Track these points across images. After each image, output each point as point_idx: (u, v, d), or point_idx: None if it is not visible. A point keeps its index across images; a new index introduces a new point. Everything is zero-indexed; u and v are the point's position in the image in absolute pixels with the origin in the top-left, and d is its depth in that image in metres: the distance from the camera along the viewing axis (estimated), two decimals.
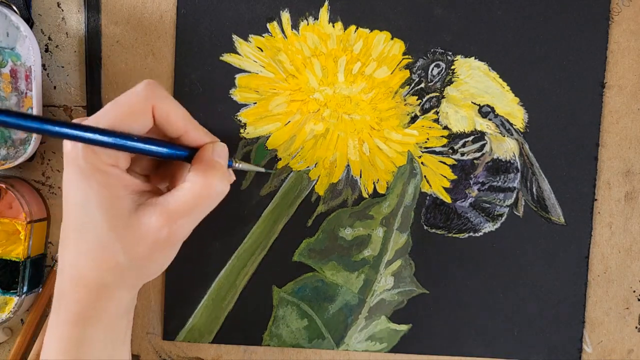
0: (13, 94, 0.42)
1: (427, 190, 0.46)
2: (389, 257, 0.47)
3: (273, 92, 0.45)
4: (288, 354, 0.47)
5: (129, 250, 0.31)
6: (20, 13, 0.42)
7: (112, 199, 0.31)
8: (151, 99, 0.32)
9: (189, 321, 0.47)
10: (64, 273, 0.33)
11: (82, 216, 0.31)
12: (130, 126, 0.31)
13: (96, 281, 0.32)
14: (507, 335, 0.47)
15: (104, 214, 0.31)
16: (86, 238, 0.31)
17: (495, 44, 0.46)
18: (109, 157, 0.31)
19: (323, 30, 0.45)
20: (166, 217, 0.31)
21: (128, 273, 0.32)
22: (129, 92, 0.32)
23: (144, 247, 0.32)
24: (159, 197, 0.32)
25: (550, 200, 0.46)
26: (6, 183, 0.43)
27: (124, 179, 0.32)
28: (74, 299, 0.32)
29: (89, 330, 0.32)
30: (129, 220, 0.31)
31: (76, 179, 0.31)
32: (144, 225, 0.31)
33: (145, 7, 0.45)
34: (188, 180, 0.32)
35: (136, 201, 0.32)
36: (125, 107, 0.31)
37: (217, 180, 0.32)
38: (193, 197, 0.32)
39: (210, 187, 0.32)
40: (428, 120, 0.46)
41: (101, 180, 0.31)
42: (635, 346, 0.48)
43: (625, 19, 0.46)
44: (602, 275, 0.47)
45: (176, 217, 0.32)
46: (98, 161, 0.31)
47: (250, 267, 0.46)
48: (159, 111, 0.32)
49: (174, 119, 0.32)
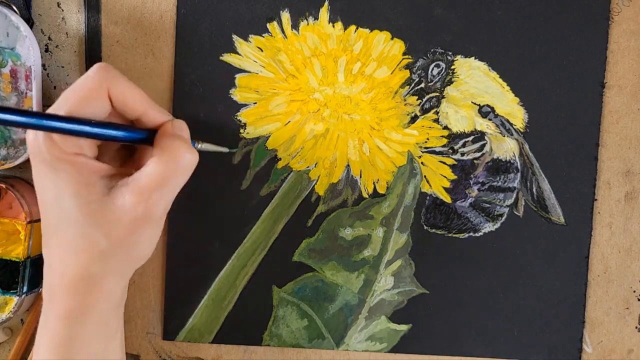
0: (13, 94, 0.42)
1: (427, 190, 0.46)
2: (389, 257, 0.47)
3: (273, 92, 0.45)
4: (288, 354, 0.47)
5: (108, 234, 0.31)
6: (20, 13, 0.42)
7: (83, 187, 0.31)
8: (105, 82, 0.31)
9: (189, 321, 0.47)
10: (51, 269, 0.32)
11: (57, 210, 0.31)
12: (88, 111, 0.31)
13: (82, 272, 0.32)
14: (507, 335, 0.47)
15: (78, 203, 0.31)
16: (65, 231, 0.31)
17: (495, 44, 0.46)
18: (72, 146, 0.31)
19: (323, 30, 0.45)
20: (138, 193, 0.31)
21: (113, 259, 0.32)
22: (82, 76, 0.32)
23: (123, 228, 0.31)
24: (128, 178, 0.32)
25: (550, 200, 0.46)
26: (6, 183, 0.43)
27: (91, 166, 0.32)
28: (63, 294, 0.32)
29: (80, 326, 0.32)
30: (103, 204, 0.31)
31: (44, 173, 0.31)
32: (119, 206, 0.31)
33: (145, 7, 0.45)
34: (154, 154, 0.32)
35: (107, 185, 0.32)
36: (80, 92, 0.31)
37: (183, 150, 0.32)
38: (161, 170, 0.32)
39: (177, 157, 0.32)
40: (428, 120, 0.46)
41: (68, 170, 0.31)
42: (635, 346, 0.48)
43: (625, 19, 0.46)
44: (602, 275, 0.47)
45: (149, 191, 0.31)
46: (61, 152, 0.31)
47: (250, 267, 0.46)
48: (114, 93, 0.32)
49: (130, 100, 0.32)
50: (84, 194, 0.31)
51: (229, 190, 0.46)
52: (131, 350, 0.47)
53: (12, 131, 0.42)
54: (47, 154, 0.31)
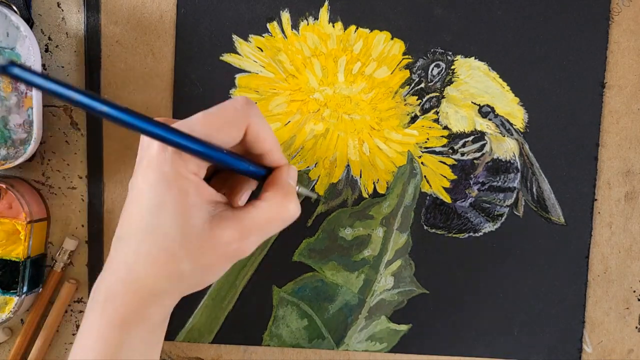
0: (13, 94, 0.42)
1: (427, 190, 0.46)
2: (389, 257, 0.47)
3: (273, 92, 0.45)
4: (288, 354, 0.47)
5: (195, 260, 0.31)
6: (20, 13, 0.42)
7: (189, 207, 0.31)
8: (247, 117, 0.32)
9: (189, 321, 0.47)
10: (117, 273, 0.32)
11: (153, 220, 0.31)
12: (221, 138, 0.32)
13: (151, 287, 0.32)
14: (507, 335, 0.47)
15: (178, 221, 0.31)
16: (152, 242, 0.31)
17: (495, 44, 0.46)
18: (195, 166, 0.32)
19: (323, 30, 0.45)
20: (240, 232, 0.32)
21: (187, 281, 0.32)
22: (227, 105, 0.32)
23: (211, 258, 0.32)
24: (233, 211, 0.32)
25: (550, 200, 0.46)
26: (6, 183, 0.43)
27: (202, 188, 0.32)
28: (123, 302, 0.32)
29: (131, 334, 0.32)
30: (202, 230, 0.31)
31: (156, 182, 0.31)
32: (216, 237, 0.31)
33: (145, 6, 0.45)
34: (266, 199, 0.33)
35: (210, 212, 0.32)
36: (220, 120, 0.32)
37: (293, 204, 0.33)
38: (269, 217, 0.33)
39: (285, 210, 0.33)
40: (428, 120, 0.46)
41: (182, 187, 0.31)
42: (635, 346, 0.48)
43: (625, 19, 0.46)
44: (602, 275, 0.47)
45: (248, 233, 0.32)
46: (183, 169, 0.31)
47: (250, 267, 0.46)
48: (252, 129, 0.33)
49: (262, 138, 0.33)
50: (188, 215, 0.31)
51: None
52: None
53: (12, 131, 0.42)
54: (170, 167, 0.31)
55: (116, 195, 0.46)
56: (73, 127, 0.46)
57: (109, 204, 0.46)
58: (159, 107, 0.45)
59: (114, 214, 0.46)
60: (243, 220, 0.32)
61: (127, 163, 0.46)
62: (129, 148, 0.46)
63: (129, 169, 0.46)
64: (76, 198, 0.46)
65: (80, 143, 0.46)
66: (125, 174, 0.46)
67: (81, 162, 0.46)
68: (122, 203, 0.45)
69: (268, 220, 0.33)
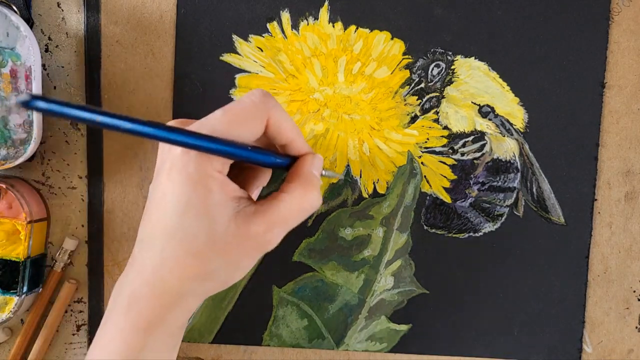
0: (13, 94, 0.42)
1: (427, 190, 0.46)
2: (389, 257, 0.47)
3: (273, 92, 0.45)
4: (288, 354, 0.47)
5: (223, 257, 0.31)
6: (20, 13, 0.42)
7: (215, 206, 0.31)
8: (267, 109, 0.32)
9: (189, 321, 0.47)
10: (141, 275, 0.32)
11: (179, 222, 0.31)
12: (243, 134, 0.32)
13: (177, 289, 0.32)
14: (507, 335, 0.47)
15: (204, 222, 0.31)
16: (179, 244, 0.31)
17: (495, 44, 0.46)
18: (220, 164, 0.32)
19: (323, 30, 0.45)
20: (265, 226, 0.32)
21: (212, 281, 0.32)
22: (245, 100, 0.32)
23: (239, 254, 0.32)
24: (257, 205, 0.33)
25: (550, 200, 0.46)
26: (6, 183, 0.43)
27: (227, 185, 0.32)
28: (148, 305, 0.32)
29: (152, 337, 0.32)
30: (228, 227, 0.31)
31: (181, 184, 0.31)
32: (242, 233, 0.31)
33: (145, 6, 0.45)
34: (288, 191, 0.33)
35: (235, 208, 0.32)
36: (240, 116, 0.32)
37: (315, 194, 0.34)
38: (292, 209, 0.33)
39: (308, 201, 0.33)
40: (428, 120, 0.46)
41: (208, 186, 0.31)
42: (635, 346, 0.48)
43: (626, 19, 0.46)
44: (602, 275, 0.47)
45: (273, 226, 0.32)
46: (210, 167, 0.31)
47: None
48: (273, 121, 0.33)
49: (285, 129, 0.33)
50: (213, 214, 0.31)
51: None
52: None
53: (12, 131, 0.42)
54: (194, 168, 0.31)
55: (116, 195, 0.46)
56: (73, 127, 0.46)
57: (109, 204, 0.46)
58: (159, 107, 0.45)
59: (114, 214, 0.46)
60: (267, 214, 0.32)
61: (127, 163, 0.46)
62: (129, 148, 0.46)
63: (128, 169, 0.46)
64: (76, 198, 0.46)
65: (80, 143, 0.46)
66: (125, 174, 0.46)
67: (81, 162, 0.46)
68: (122, 203, 0.46)
69: (291, 212, 0.33)
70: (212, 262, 0.31)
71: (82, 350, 0.47)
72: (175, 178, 0.31)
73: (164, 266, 0.31)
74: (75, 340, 0.47)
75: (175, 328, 0.33)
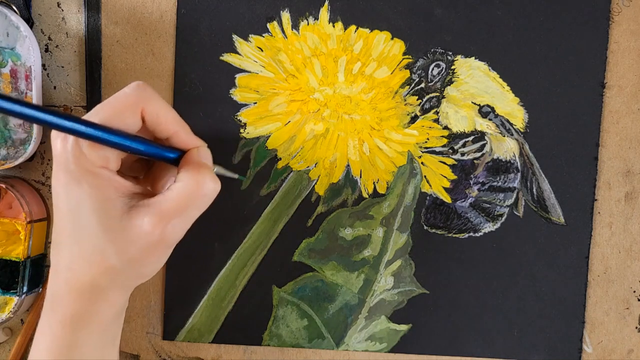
0: (13, 94, 0.42)
1: (427, 190, 0.46)
2: (389, 257, 0.47)
3: (273, 92, 0.45)
4: (288, 354, 0.47)
5: (122, 253, 0.31)
6: (20, 13, 0.42)
7: (104, 202, 0.31)
8: (141, 101, 0.32)
9: (189, 321, 0.47)
10: (58, 275, 0.32)
11: (75, 221, 0.31)
12: (119, 125, 0.31)
13: (91, 283, 0.32)
14: (507, 335, 0.47)
15: (97, 218, 0.31)
16: (80, 242, 0.31)
17: (496, 44, 0.46)
18: (99, 159, 0.31)
19: (323, 30, 0.45)
20: (159, 218, 0.31)
21: (122, 275, 0.32)
22: (118, 93, 0.32)
23: (137, 249, 0.31)
24: (150, 199, 0.32)
25: (550, 201, 0.46)
26: (6, 183, 0.43)
27: (115, 181, 0.32)
28: (68, 300, 0.32)
29: (82, 333, 0.32)
30: (121, 222, 0.31)
31: (67, 183, 0.31)
32: (137, 228, 0.31)
33: (145, 6, 0.45)
34: (179, 180, 0.32)
35: (127, 203, 0.32)
36: (114, 107, 0.31)
37: (207, 179, 0.32)
38: (185, 197, 0.32)
39: (201, 186, 0.32)
40: (428, 120, 0.46)
41: (92, 183, 0.31)
42: (635, 346, 0.48)
43: (626, 19, 0.46)
44: (602, 275, 0.47)
45: (169, 217, 0.32)
46: (88, 163, 0.31)
47: (250, 267, 0.46)
48: (148, 112, 0.32)
49: (163, 120, 0.33)
50: (104, 209, 0.31)
51: (229, 190, 0.45)
52: (131, 350, 0.47)
53: (12, 131, 0.42)
54: (74, 164, 0.31)
55: None
56: None
57: None
58: None
59: None
60: (160, 205, 0.31)
61: None
62: None
63: None
64: None
65: None
66: None
67: None
68: None
69: (185, 199, 0.32)
70: (112, 257, 0.31)
71: None
72: (61, 178, 0.31)
73: (73, 263, 0.32)
74: None
75: (105, 323, 0.33)
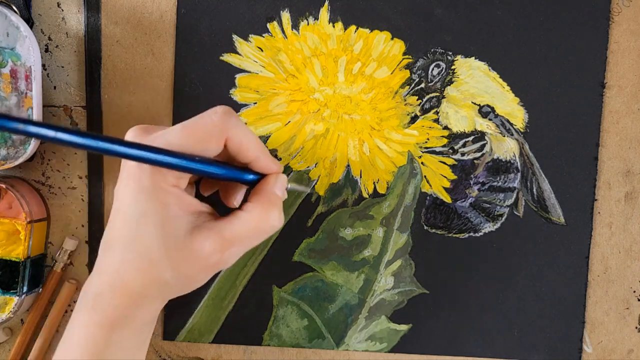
0: (13, 94, 0.42)
1: (427, 190, 0.46)
2: (389, 257, 0.47)
3: (273, 92, 0.45)
4: (288, 354, 0.47)
5: (177, 270, 0.32)
6: (20, 13, 0.42)
7: (170, 219, 0.31)
8: (226, 128, 0.32)
9: (189, 321, 0.47)
10: (104, 276, 0.33)
11: (135, 229, 0.31)
12: (199, 151, 0.32)
13: (138, 291, 0.32)
14: (507, 335, 0.47)
15: (159, 233, 0.31)
16: (136, 251, 0.32)
17: (496, 44, 0.46)
18: (174, 178, 0.32)
19: (323, 30, 0.45)
20: (220, 244, 0.32)
21: (171, 289, 0.33)
22: (204, 117, 0.32)
23: (193, 270, 0.32)
24: (215, 222, 0.33)
25: (551, 201, 0.46)
26: (6, 183, 0.43)
27: (184, 199, 0.32)
28: (111, 303, 0.32)
29: (118, 335, 0.32)
30: (183, 241, 0.32)
31: (136, 194, 0.31)
32: (197, 249, 0.32)
33: (145, 6, 0.45)
34: (247, 210, 0.33)
35: (192, 222, 0.32)
36: (198, 132, 0.32)
37: (275, 215, 0.33)
38: (250, 229, 0.33)
39: (267, 222, 0.33)
40: (428, 120, 0.46)
41: (162, 200, 0.31)
42: (635, 346, 0.48)
43: (626, 19, 0.46)
44: (602, 275, 0.47)
45: (229, 245, 0.32)
46: (162, 181, 0.31)
47: (251, 267, 0.46)
48: (232, 140, 0.33)
49: (245, 148, 0.33)
50: (168, 226, 0.31)
51: None
52: None
53: None
54: (149, 181, 0.31)
55: None
56: (73, 127, 0.46)
57: (109, 204, 0.46)
58: (159, 107, 0.45)
59: None
60: (224, 231, 0.32)
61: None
62: None
63: None
64: (76, 198, 0.46)
65: None
66: None
67: (81, 162, 0.46)
68: None
69: (249, 231, 0.33)
70: (167, 272, 0.32)
71: None
72: (131, 187, 0.31)
73: (124, 269, 0.32)
74: None
75: (140, 326, 0.33)
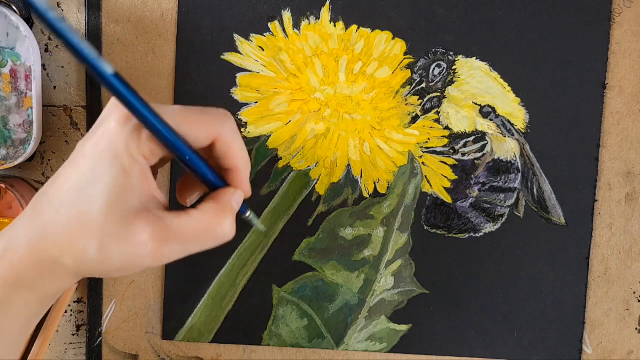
0: (13, 94, 0.41)
1: (428, 190, 0.46)
2: (389, 257, 0.47)
3: (274, 92, 0.45)
4: (288, 354, 0.47)
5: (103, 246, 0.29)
6: (20, 13, 0.42)
7: (124, 189, 0.29)
8: (221, 127, 0.31)
9: (188, 320, 0.47)
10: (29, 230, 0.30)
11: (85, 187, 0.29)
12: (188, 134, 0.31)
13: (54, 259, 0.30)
14: (507, 335, 0.47)
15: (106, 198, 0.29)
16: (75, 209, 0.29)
17: (497, 44, 0.45)
18: (148, 151, 0.30)
19: (324, 30, 0.45)
20: (162, 235, 0.30)
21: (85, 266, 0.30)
22: (207, 109, 0.32)
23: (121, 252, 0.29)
24: (164, 212, 0.31)
25: (551, 201, 0.46)
26: (6, 183, 0.43)
27: (146, 175, 0.30)
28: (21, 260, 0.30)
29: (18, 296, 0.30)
30: (126, 217, 0.29)
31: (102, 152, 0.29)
32: (136, 232, 0.29)
33: (146, 5, 0.45)
34: (201, 209, 0.31)
35: (143, 203, 0.30)
36: (196, 118, 0.31)
37: (228, 223, 0.32)
38: (198, 228, 0.31)
39: (219, 226, 0.31)
40: (429, 121, 0.46)
41: (127, 167, 0.29)
42: (635, 347, 0.48)
43: (627, 19, 0.46)
44: (602, 276, 0.47)
45: (171, 238, 0.30)
46: (135, 149, 0.29)
47: (250, 266, 0.46)
48: (223, 141, 0.32)
49: (234, 153, 0.32)
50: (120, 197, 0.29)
51: None
52: (130, 350, 0.47)
53: (12, 131, 0.42)
54: (123, 144, 0.29)
55: None
56: (73, 127, 0.46)
57: None
58: None
59: None
60: (170, 223, 0.30)
61: None
62: None
63: None
64: None
65: None
66: None
67: None
68: None
69: (196, 230, 0.31)
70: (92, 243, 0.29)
71: (82, 350, 0.47)
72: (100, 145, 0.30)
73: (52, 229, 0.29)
74: (75, 340, 0.47)
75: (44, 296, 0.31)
